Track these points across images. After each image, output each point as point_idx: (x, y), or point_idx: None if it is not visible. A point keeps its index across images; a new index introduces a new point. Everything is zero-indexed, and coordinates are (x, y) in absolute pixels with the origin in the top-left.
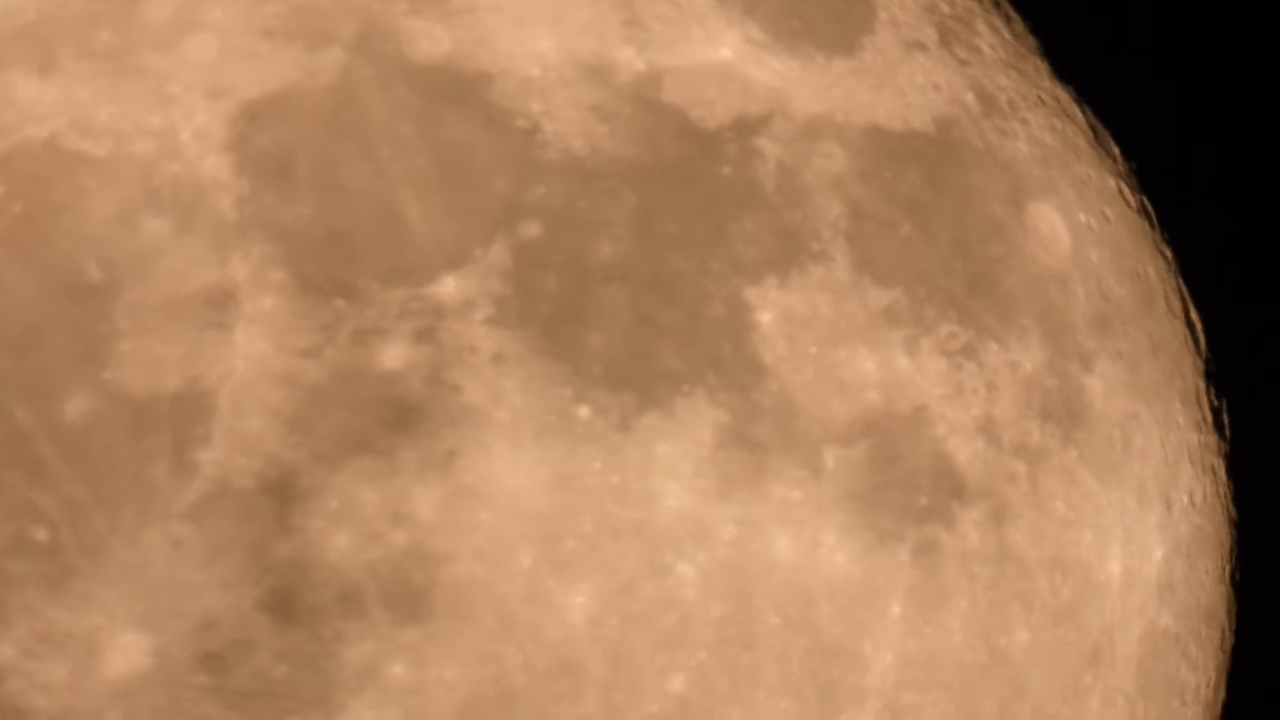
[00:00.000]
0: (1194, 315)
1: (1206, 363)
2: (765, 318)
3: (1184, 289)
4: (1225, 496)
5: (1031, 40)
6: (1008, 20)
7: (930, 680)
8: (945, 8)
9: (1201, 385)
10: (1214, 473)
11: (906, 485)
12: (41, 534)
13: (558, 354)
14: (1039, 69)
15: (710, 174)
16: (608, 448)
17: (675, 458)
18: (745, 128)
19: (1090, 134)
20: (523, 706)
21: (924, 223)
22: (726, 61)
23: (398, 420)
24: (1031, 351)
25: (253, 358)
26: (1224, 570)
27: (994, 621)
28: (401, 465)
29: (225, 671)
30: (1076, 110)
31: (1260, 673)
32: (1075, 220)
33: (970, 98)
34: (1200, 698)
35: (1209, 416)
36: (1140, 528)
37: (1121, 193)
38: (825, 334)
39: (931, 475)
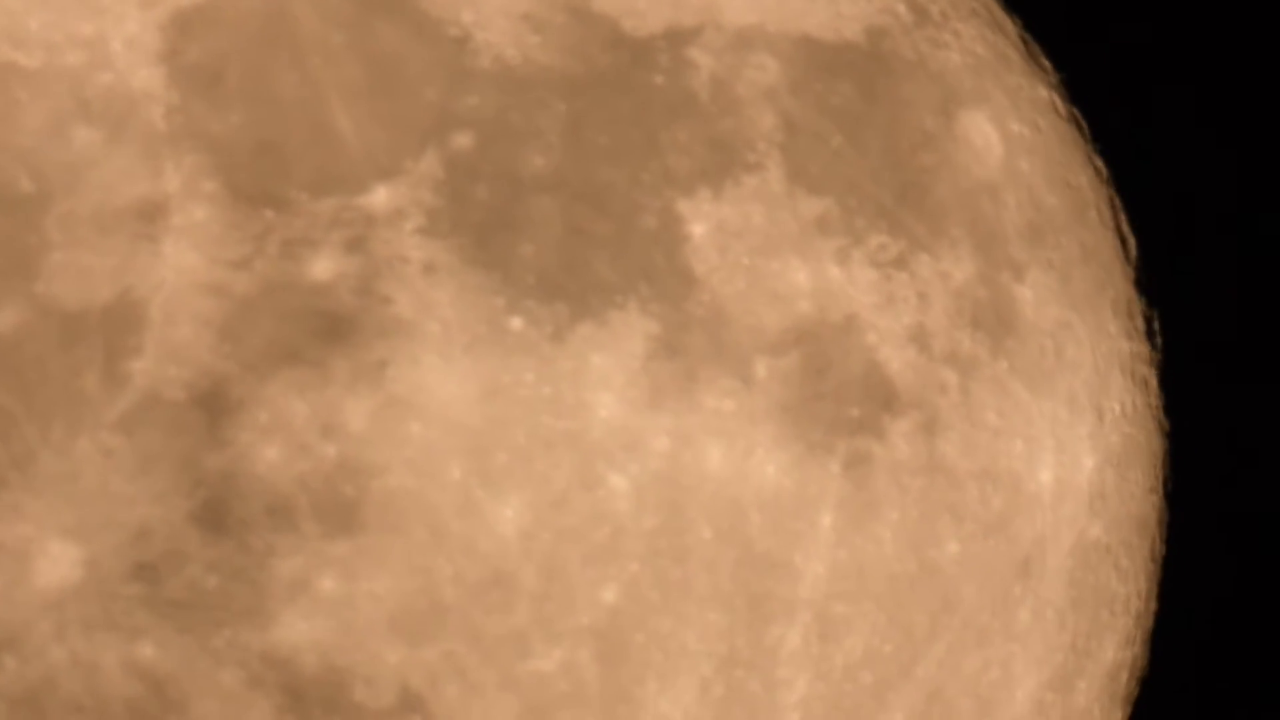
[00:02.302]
0: (1125, 226)
1: (1138, 273)
2: (698, 229)
3: (1115, 200)
4: (1156, 406)
5: None
6: None
7: (861, 592)
8: None
9: (1133, 295)
10: (1145, 383)
11: (837, 396)
12: None
13: (489, 264)
14: None
15: (642, 84)
16: (540, 359)
17: (608, 368)
18: (677, 37)
19: (1021, 45)
20: (454, 618)
21: (855, 133)
22: None
23: (328, 331)
24: (962, 261)
25: (183, 269)
26: (1155, 481)
27: (924, 533)
28: (332, 376)
29: (157, 582)
30: (1007, 21)
31: (1190, 584)
32: (1007, 130)
33: (902, 8)
34: (1131, 609)
35: (1140, 326)
36: (1071, 438)
37: (1053, 103)
38: (757, 244)
39: (863, 386)
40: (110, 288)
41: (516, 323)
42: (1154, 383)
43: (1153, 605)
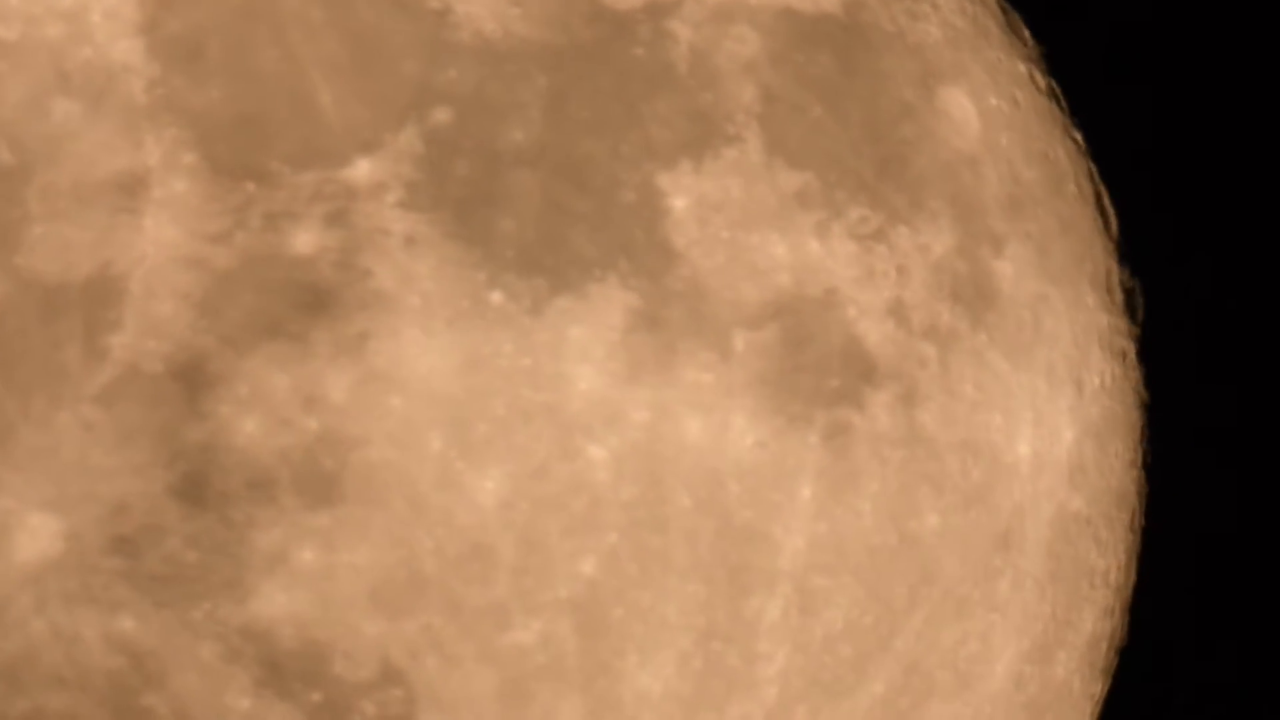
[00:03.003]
0: (1105, 199)
1: (1118, 246)
2: (678, 202)
3: (1094, 173)
4: (1136, 379)
5: None
6: None
7: (840, 564)
8: None
9: (1112, 269)
10: (1124, 356)
11: (816, 368)
12: None
13: (470, 238)
14: None
15: (622, 56)
16: (520, 331)
17: (587, 341)
18: (658, 9)
19: (1000, 17)
20: (433, 590)
21: (835, 106)
22: None
23: (309, 304)
24: (942, 234)
25: (164, 242)
26: (1135, 453)
27: (904, 504)
28: (313, 349)
29: (136, 556)
30: None
31: (1170, 557)
32: (986, 104)
33: None
34: (1110, 581)
35: (1120, 299)
36: (1051, 410)
37: (1031, 76)
38: (737, 218)
39: (842, 358)
40: (90, 261)
41: (497, 296)
42: (1133, 355)
43: (1132, 577)
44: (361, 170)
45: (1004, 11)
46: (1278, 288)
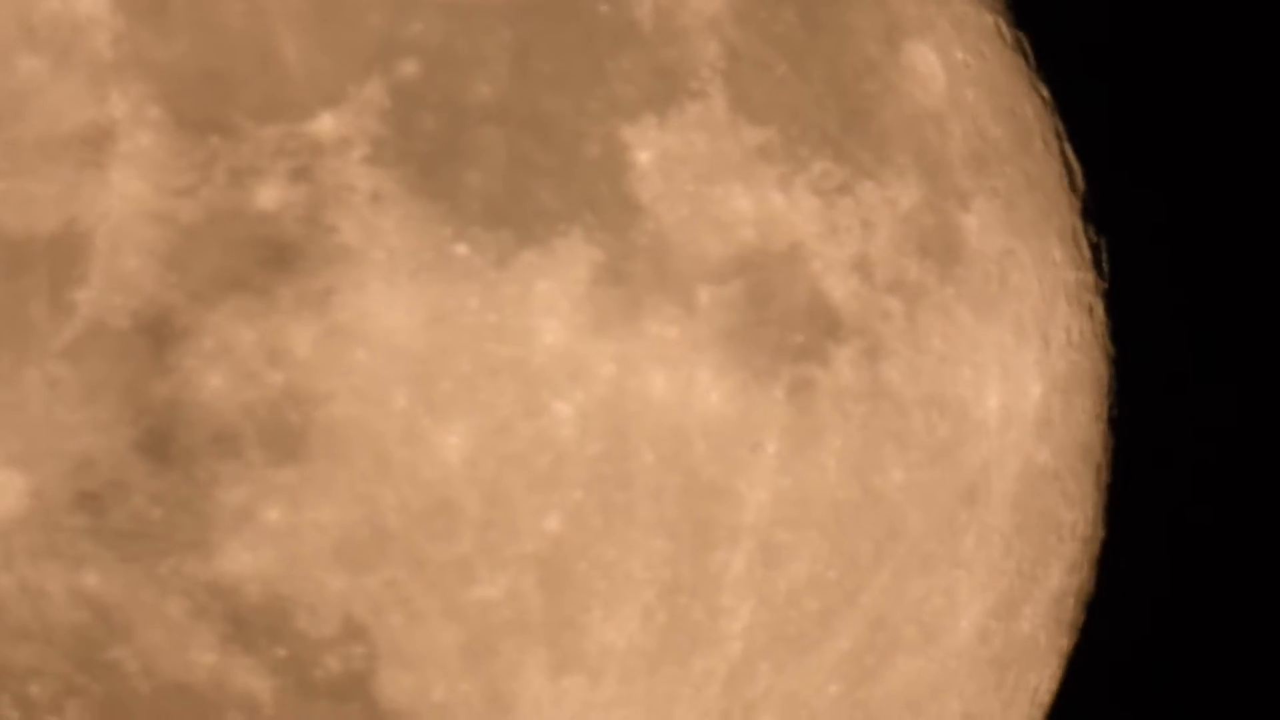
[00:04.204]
0: (1070, 154)
1: (1084, 200)
2: (642, 156)
3: (1060, 127)
4: (1103, 334)
5: None
6: None
7: (805, 519)
8: None
9: (1079, 223)
10: (1091, 310)
11: (781, 323)
12: None
13: (435, 193)
14: None
15: (588, 12)
16: (485, 285)
17: (552, 295)
18: None
19: None
20: (398, 546)
21: (799, 62)
22: None
23: (274, 259)
24: (908, 189)
25: (129, 197)
26: (1101, 407)
27: (869, 460)
28: (278, 304)
29: (102, 512)
30: None
31: (1136, 510)
32: (951, 58)
33: None
34: (1077, 535)
35: (1087, 254)
36: (1018, 364)
37: (998, 29)
38: (701, 172)
39: (806, 313)
40: (55, 216)
41: (462, 250)
42: (1100, 310)
43: (1099, 531)
44: (326, 124)
45: None
46: (1244, 242)
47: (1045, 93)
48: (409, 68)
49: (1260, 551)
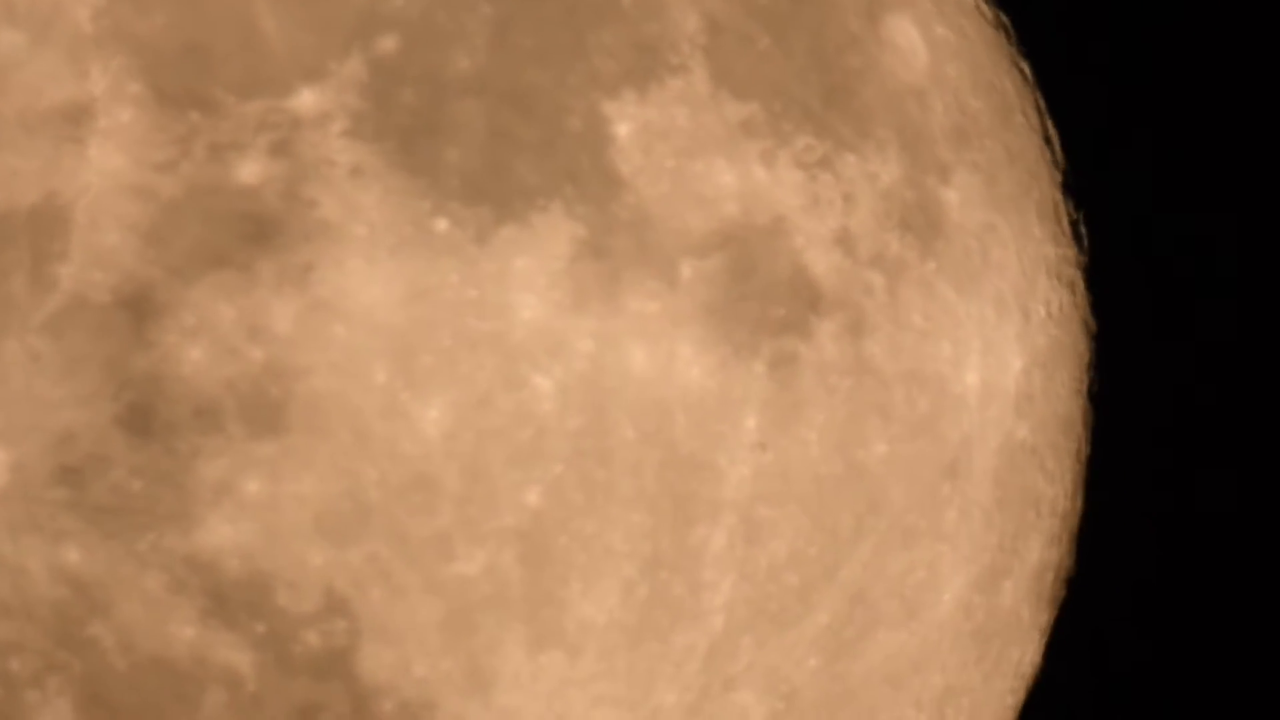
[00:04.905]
0: (1050, 129)
1: (1064, 175)
2: (623, 130)
3: (1041, 103)
4: (1083, 308)
5: None
6: None
7: (786, 493)
8: None
9: (1059, 198)
10: (1071, 285)
11: (763, 297)
12: None
13: (415, 168)
14: None
15: None
16: (465, 260)
17: (532, 270)
18: None
19: None
20: (377, 520)
21: (781, 36)
22: None
23: (254, 234)
24: (889, 164)
25: (109, 172)
26: (1081, 382)
27: (851, 434)
28: (258, 279)
29: (82, 486)
30: None
31: (1116, 485)
32: (932, 34)
33: None
34: (1057, 510)
35: (1066, 229)
36: (998, 339)
37: (979, 6)
38: (683, 146)
39: (788, 287)
40: (36, 190)
41: (442, 224)
42: (1080, 285)
43: (1079, 506)
44: (306, 100)
45: None
46: (1223, 216)
47: (1026, 68)
48: (389, 42)
49: (1239, 525)
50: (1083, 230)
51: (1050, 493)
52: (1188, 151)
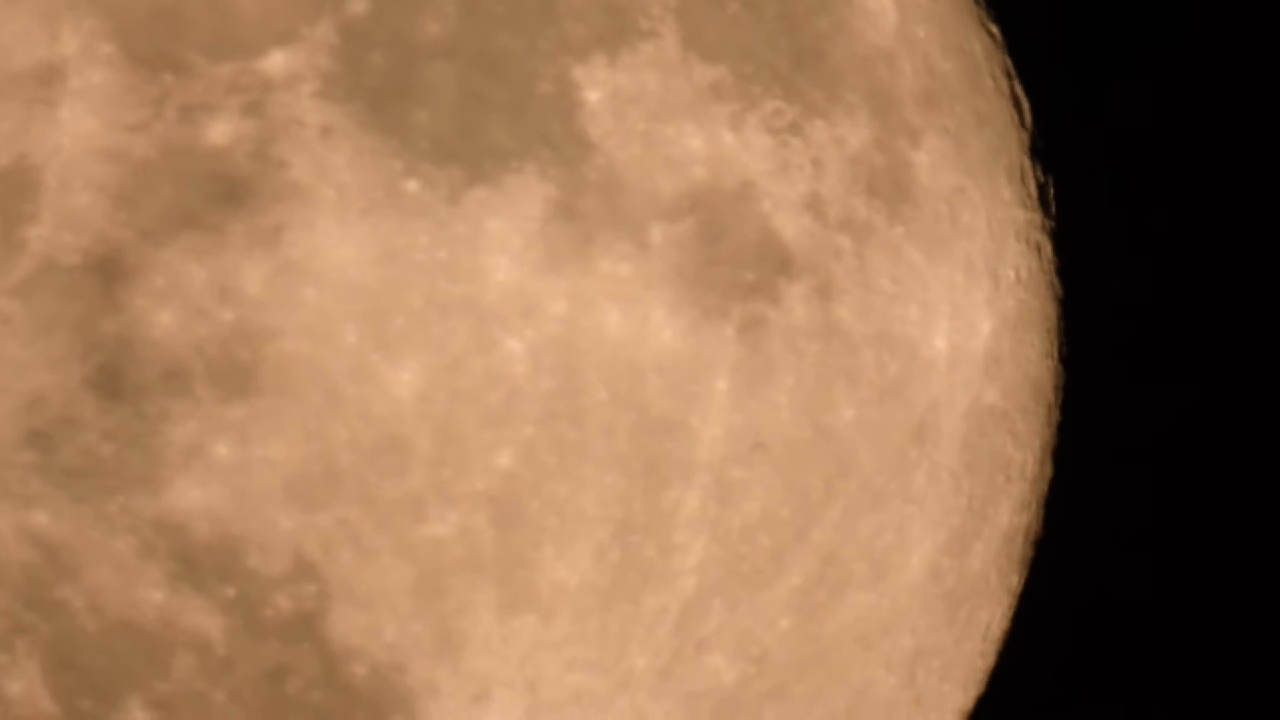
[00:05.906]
0: (1019, 92)
1: (1033, 139)
2: (593, 95)
3: (1010, 66)
4: (1051, 272)
5: None
6: None
7: (757, 456)
8: None
9: (1027, 162)
10: (1039, 249)
11: (733, 261)
12: None
13: (386, 129)
14: None
15: None
16: (436, 221)
17: (504, 232)
18: None
19: None
20: (348, 482)
21: (751, 0)
22: None
23: (225, 196)
24: (858, 128)
25: (80, 134)
26: (1050, 346)
27: (820, 397)
28: (229, 241)
29: (51, 449)
30: None
31: (1085, 448)
32: None
33: None
34: (1025, 474)
35: (1035, 193)
36: (967, 303)
37: None
38: (653, 110)
39: (758, 251)
40: (6, 153)
41: (413, 186)
42: (1049, 249)
43: (1048, 470)
44: (277, 61)
45: None
46: (1191, 180)
47: (995, 30)
48: (359, 5)
49: (1209, 491)
50: (1050, 194)
51: (1019, 457)
52: (1156, 115)
